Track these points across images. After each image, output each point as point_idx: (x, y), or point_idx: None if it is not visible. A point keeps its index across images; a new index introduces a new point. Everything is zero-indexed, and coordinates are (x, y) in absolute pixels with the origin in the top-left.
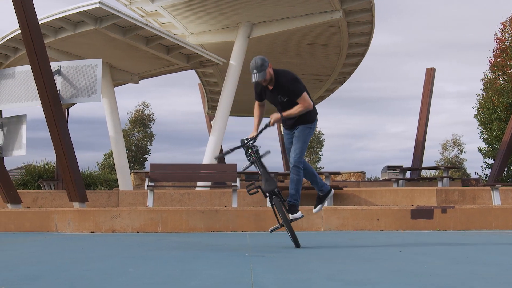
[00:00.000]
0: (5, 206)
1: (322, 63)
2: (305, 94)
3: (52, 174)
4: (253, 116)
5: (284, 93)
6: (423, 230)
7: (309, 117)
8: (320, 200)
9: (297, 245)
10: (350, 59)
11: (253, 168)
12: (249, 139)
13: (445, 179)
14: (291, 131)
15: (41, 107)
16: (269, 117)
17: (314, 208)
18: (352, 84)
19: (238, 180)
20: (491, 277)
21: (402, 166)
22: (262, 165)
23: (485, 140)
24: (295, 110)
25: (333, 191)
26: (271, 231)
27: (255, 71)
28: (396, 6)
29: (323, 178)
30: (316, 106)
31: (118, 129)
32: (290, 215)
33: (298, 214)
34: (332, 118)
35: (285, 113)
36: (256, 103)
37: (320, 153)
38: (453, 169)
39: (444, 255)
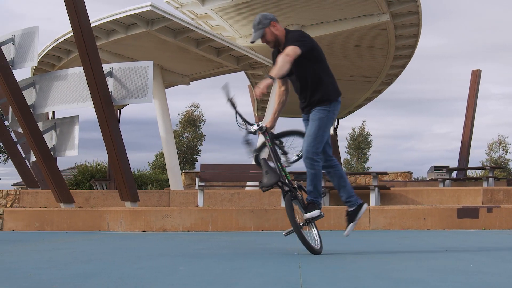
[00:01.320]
0: (58, 206)
1: (370, 65)
2: (291, 47)
3: (104, 174)
4: (299, 117)
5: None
6: (469, 229)
7: (325, 95)
8: (350, 218)
9: (313, 251)
10: (397, 61)
11: (298, 168)
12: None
13: (490, 179)
14: (307, 115)
15: (93, 108)
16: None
17: (345, 230)
18: (399, 86)
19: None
20: None
21: (448, 166)
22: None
23: None
24: (277, 64)
25: (366, 205)
26: (285, 234)
27: (252, 29)
28: (443, 9)
29: (370, 178)
30: (364, 107)
31: (169, 130)
32: (305, 214)
33: (315, 212)
34: (379, 119)
35: (271, 72)
36: (278, 83)
37: (368, 153)
38: (498, 169)
39: (490, 254)
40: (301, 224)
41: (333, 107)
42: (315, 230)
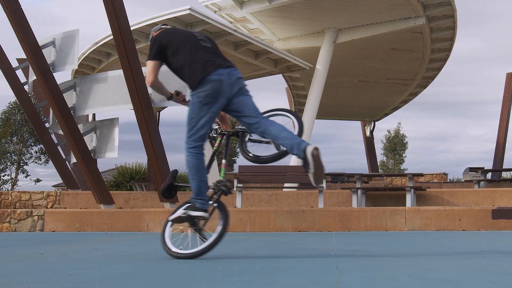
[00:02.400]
0: (98, 207)
1: (406, 68)
2: (148, 62)
3: (143, 175)
4: (338, 119)
5: None
6: (503, 230)
7: (187, 80)
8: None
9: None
10: (432, 64)
11: (337, 169)
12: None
13: None
14: None
15: (133, 110)
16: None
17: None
18: (434, 89)
19: (324, 181)
20: None
21: (483, 167)
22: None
23: None
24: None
25: (311, 147)
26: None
27: None
28: (479, 13)
29: (406, 179)
30: (400, 110)
31: None
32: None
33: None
34: (415, 122)
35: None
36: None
37: (403, 155)
38: None
39: None
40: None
41: (196, 93)
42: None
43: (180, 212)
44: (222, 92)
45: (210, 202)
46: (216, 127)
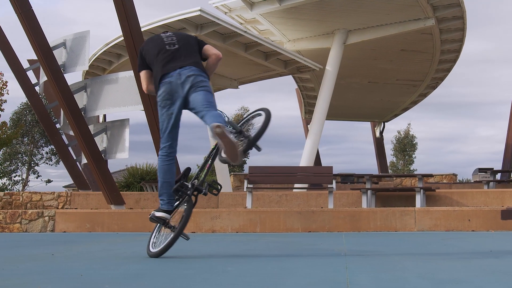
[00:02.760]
0: (108, 207)
1: (415, 69)
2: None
3: (154, 176)
4: (348, 120)
5: None
6: None
7: None
8: None
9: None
10: (442, 65)
11: (346, 170)
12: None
13: None
14: None
15: (143, 111)
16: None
17: None
18: (444, 90)
19: (334, 182)
20: None
21: (493, 168)
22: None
23: None
24: None
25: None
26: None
27: None
28: (488, 14)
29: (415, 180)
30: (410, 110)
31: None
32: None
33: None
34: (425, 122)
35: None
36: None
37: (413, 155)
38: None
39: None
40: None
41: (157, 96)
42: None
43: (151, 214)
44: (174, 93)
45: (176, 203)
46: None
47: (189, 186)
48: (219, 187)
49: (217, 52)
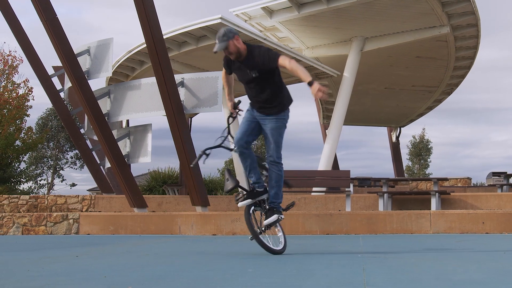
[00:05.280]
0: (132, 210)
1: (431, 75)
2: (284, 57)
3: (176, 180)
4: (365, 125)
5: (255, 66)
6: None
7: (286, 101)
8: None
9: (274, 252)
10: (457, 71)
11: (364, 174)
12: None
13: None
14: (262, 116)
15: (166, 116)
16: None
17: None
18: (459, 96)
19: (351, 185)
20: None
21: (506, 172)
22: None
23: None
24: (298, 69)
25: (280, 217)
26: (250, 239)
27: (216, 41)
28: (502, 22)
29: (431, 184)
30: (425, 116)
31: None
32: (264, 221)
33: (272, 218)
34: (440, 128)
35: (309, 78)
36: (224, 71)
37: (428, 160)
38: None
39: None
40: (263, 229)
41: (287, 116)
42: (280, 232)
43: (276, 217)
44: None
45: None
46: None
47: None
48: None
49: None
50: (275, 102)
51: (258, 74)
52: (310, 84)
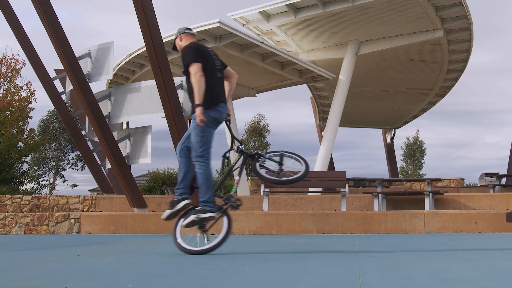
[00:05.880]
0: (132, 210)
1: (425, 78)
2: (193, 65)
3: (175, 180)
4: (361, 127)
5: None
6: None
7: (193, 101)
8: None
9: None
10: (450, 74)
11: (359, 174)
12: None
13: None
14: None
15: (165, 118)
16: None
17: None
18: (452, 98)
19: (346, 186)
20: None
21: (498, 173)
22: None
23: None
24: (194, 87)
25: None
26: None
27: None
28: (494, 27)
29: (424, 184)
30: (419, 118)
31: None
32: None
33: (187, 220)
34: (434, 130)
35: (196, 101)
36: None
37: (422, 161)
38: None
39: None
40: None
41: (195, 116)
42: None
43: (192, 217)
44: (220, 121)
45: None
46: (238, 145)
47: (226, 198)
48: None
49: (235, 72)
50: (192, 103)
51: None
52: (196, 106)
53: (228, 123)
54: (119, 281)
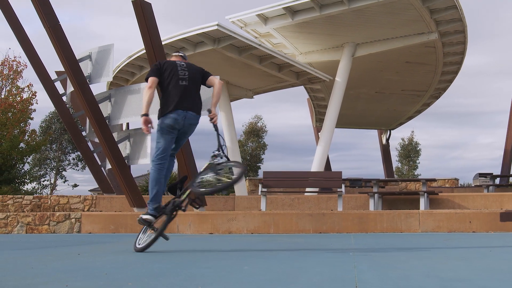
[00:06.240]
0: (131, 210)
1: (420, 80)
2: (148, 79)
3: (172, 181)
4: (357, 128)
5: None
6: (511, 232)
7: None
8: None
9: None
10: (444, 76)
11: (355, 175)
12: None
13: None
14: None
15: None
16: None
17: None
18: (446, 100)
19: (343, 186)
20: None
21: (492, 173)
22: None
23: None
24: (143, 97)
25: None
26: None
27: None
28: (489, 30)
29: (419, 184)
30: (415, 119)
31: (234, 140)
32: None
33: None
34: (429, 131)
35: (143, 111)
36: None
37: (417, 161)
38: None
39: None
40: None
41: (159, 122)
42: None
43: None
44: (175, 127)
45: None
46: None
47: (170, 205)
48: (197, 206)
49: (220, 81)
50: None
51: None
52: (142, 115)
53: (215, 127)
54: (119, 280)
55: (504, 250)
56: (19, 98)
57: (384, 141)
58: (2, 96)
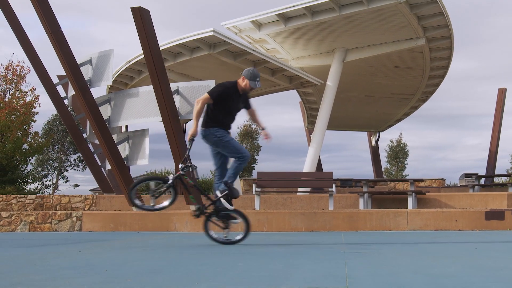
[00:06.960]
0: (130, 209)
1: (408, 84)
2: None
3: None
4: (347, 130)
5: (245, 101)
6: (495, 230)
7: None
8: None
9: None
10: (431, 80)
11: (345, 175)
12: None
13: None
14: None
15: (162, 122)
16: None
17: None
18: (433, 103)
19: (334, 186)
20: None
21: (477, 174)
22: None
23: None
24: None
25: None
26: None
27: (258, 79)
28: (475, 36)
29: (407, 184)
30: (403, 122)
31: None
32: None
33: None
34: (417, 133)
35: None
36: (208, 98)
37: (405, 162)
38: None
39: None
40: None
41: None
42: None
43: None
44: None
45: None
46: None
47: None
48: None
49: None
50: None
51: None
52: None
53: (189, 143)
54: (118, 276)
55: (489, 247)
56: (22, 101)
57: (373, 143)
58: (6, 100)
